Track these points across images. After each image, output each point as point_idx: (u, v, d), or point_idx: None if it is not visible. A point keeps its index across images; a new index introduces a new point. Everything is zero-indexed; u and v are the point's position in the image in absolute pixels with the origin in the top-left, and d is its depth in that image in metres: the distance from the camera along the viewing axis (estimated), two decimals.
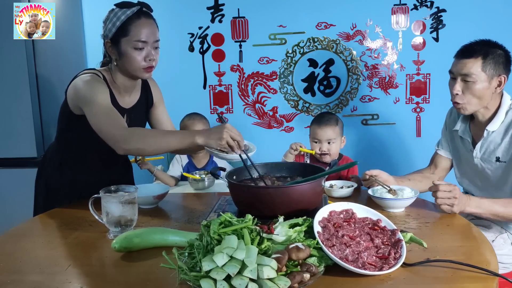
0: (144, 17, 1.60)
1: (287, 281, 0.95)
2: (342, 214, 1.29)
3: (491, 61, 1.68)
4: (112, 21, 1.59)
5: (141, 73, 1.63)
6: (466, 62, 1.70)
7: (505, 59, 1.71)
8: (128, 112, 1.75)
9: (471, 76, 1.68)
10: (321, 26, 2.91)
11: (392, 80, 2.93)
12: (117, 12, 1.59)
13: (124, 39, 1.58)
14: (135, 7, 1.59)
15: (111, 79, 1.68)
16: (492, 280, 1.05)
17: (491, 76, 1.68)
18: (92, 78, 1.62)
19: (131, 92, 1.76)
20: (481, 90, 1.69)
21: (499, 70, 1.69)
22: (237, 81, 3.02)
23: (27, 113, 2.60)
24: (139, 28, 1.57)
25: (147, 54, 1.59)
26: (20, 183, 2.63)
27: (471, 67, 1.68)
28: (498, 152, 1.72)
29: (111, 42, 1.61)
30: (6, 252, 1.32)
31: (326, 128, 2.20)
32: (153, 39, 1.60)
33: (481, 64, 1.68)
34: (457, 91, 1.72)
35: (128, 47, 1.58)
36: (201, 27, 2.97)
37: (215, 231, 1.08)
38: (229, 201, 1.63)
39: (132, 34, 1.57)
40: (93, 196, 1.42)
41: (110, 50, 1.63)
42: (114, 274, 1.19)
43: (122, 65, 1.63)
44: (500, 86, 1.71)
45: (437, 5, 2.83)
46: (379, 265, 1.10)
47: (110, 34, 1.60)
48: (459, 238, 1.31)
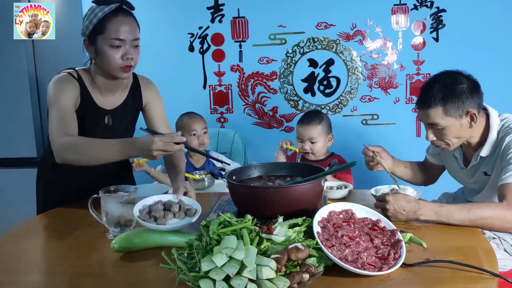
0: (122, 15, 1.53)
1: (286, 282, 0.95)
2: (342, 214, 1.29)
3: (452, 104, 1.56)
4: (90, 18, 1.54)
5: (118, 73, 1.56)
6: (428, 113, 1.60)
7: (469, 91, 1.58)
8: (111, 113, 1.70)
9: (438, 125, 1.59)
10: (321, 26, 2.91)
11: (392, 80, 2.93)
12: (95, 9, 1.53)
13: (100, 37, 1.52)
14: (114, 4, 1.53)
15: (90, 79, 1.64)
16: (492, 281, 1.05)
17: (459, 116, 1.57)
18: (61, 78, 1.59)
19: (115, 93, 1.70)
20: (455, 132, 1.60)
21: (466, 107, 1.57)
22: (237, 81, 3.02)
23: (27, 113, 2.61)
24: (116, 26, 1.51)
25: (124, 53, 1.52)
26: (20, 183, 2.63)
27: (434, 117, 1.58)
28: (486, 167, 1.66)
29: (88, 40, 1.56)
30: (6, 252, 1.32)
31: (308, 127, 2.22)
32: (132, 37, 1.53)
33: (442, 111, 1.57)
34: (431, 139, 1.65)
35: (104, 45, 1.52)
36: (201, 27, 2.97)
37: (214, 231, 1.08)
38: (228, 201, 1.63)
39: (108, 31, 1.50)
40: (93, 196, 1.42)
41: (88, 48, 1.58)
42: (114, 274, 1.19)
43: (100, 64, 1.57)
44: (473, 121, 1.59)
45: (437, 5, 2.82)
46: (379, 266, 1.10)
47: (87, 32, 1.55)
48: (459, 238, 1.31)
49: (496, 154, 1.60)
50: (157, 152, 1.33)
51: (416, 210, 1.40)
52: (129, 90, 1.75)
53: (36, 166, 1.90)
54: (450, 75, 1.64)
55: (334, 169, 1.55)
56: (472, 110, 1.58)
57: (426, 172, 1.98)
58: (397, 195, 1.44)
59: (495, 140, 1.61)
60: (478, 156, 1.65)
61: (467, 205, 1.42)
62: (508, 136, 1.55)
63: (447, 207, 1.41)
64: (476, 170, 1.70)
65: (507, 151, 1.53)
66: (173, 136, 1.35)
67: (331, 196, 1.73)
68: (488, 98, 3.06)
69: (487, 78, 2.81)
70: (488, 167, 1.64)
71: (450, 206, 1.41)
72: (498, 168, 1.58)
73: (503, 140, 1.57)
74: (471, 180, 1.74)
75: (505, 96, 2.81)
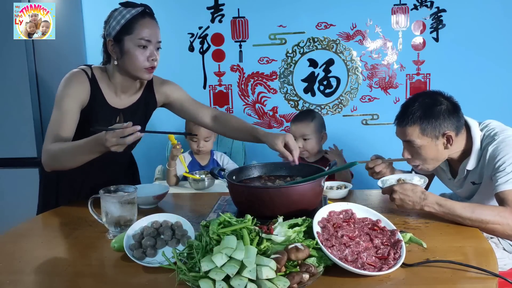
0: (149, 17, 1.61)
1: (286, 282, 0.95)
2: (342, 214, 1.29)
3: (429, 125, 1.56)
4: (117, 19, 1.59)
5: (142, 73, 1.62)
6: (404, 130, 1.60)
7: (447, 113, 1.57)
8: (123, 112, 1.73)
9: (413, 143, 1.60)
10: (321, 26, 2.91)
11: (392, 80, 2.93)
12: (122, 11, 1.59)
13: (128, 37, 1.58)
14: (140, 7, 1.60)
15: (106, 78, 1.68)
16: (492, 281, 1.05)
17: (436, 137, 1.58)
18: (71, 76, 1.63)
19: (130, 93, 1.74)
20: (430, 153, 1.61)
21: (443, 129, 1.57)
22: (237, 81, 3.02)
23: (27, 113, 2.60)
24: (144, 27, 1.58)
25: (150, 54, 1.59)
26: (20, 183, 2.63)
27: (411, 135, 1.59)
28: (473, 178, 1.66)
29: (113, 41, 1.61)
30: (6, 252, 1.32)
31: (299, 125, 2.24)
32: (156, 39, 1.61)
33: (419, 130, 1.57)
34: (406, 156, 1.65)
35: (131, 45, 1.58)
36: (201, 27, 2.97)
37: (214, 231, 1.09)
38: (228, 201, 1.63)
39: (136, 32, 1.57)
40: (93, 196, 1.42)
41: (112, 49, 1.62)
42: (114, 274, 1.19)
43: (123, 64, 1.62)
44: (449, 143, 1.59)
45: (437, 5, 2.83)
46: (379, 266, 1.10)
47: (113, 32, 1.59)
48: (459, 238, 1.31)
49: (481, 164, 1.60)
50: (114, 147, 1.37)
51: (421, 200, 1.42)
52: (143, 91, 1.79)
53: (36, 166, 1.90)
54: (430, 95, 1.64)
55: (334, 169, 1.55)
56: (448, 132, 1.58)
57: None
58: (404, 185, 1.46)
59: (479, 150, 1.61)
60: (465, 169, 1.65)
61: (473, 204, 1.42)
62: (491, 145, 1.56)
63: (452, 202, 1.41)
64: (464, 181, 1.71)
65: (492, 160, 1.53)
66: (124, 129, 1.35)
67: (331, 196, 1.73)
68: (488, 98, 3.06)
69: (487, 78, 2.84)
70: (475, 177, 1.65)
71: (456, 203, 1.42)
72: (486, 176, 1.58)
73: (486, 150, 1.57)
74: (461, 193, 1.75)
75: (504, 96, 2.82)
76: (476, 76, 2.85)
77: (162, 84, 1.84)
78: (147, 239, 1.24)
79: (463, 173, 1.67)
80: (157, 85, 1.83)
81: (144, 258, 1.20)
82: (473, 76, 2.84)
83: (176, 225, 1.30)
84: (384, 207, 1.60)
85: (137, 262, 1.17)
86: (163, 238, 1.26)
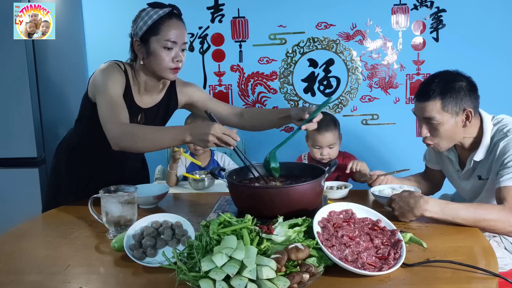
0: (176, 18, 1.61)
1: (286, 282, 0.95)
2: (342, 214, 1.29)
3: (451, 99, 1.57)
4: (144, 19, 1.59)
5: (167, 74, 1.62)
6: (425, 106, 1.60)
7: (467, 90, 1.59)
8: (144, 112, 1.74)
9: (434, 119, 1.59)
10: (321, 26, 2.91)
11: (392, 80, 2.93)
12: (149, 11, 1.60)
13: (154, 38, 1.58)
14: (167, 8, 1.61)
15: (133, 75, 1.69)
16: (492, 281, 1.05)
17: (456, 113, 1.58)
18: (110, 66, 1.64)
19: (153, 93, 1.75)
20: (449, 130, 1.60)
21: (463, 104, 1.58)
22: (237, 81, 3.02)
23: (27, 113, 2.60)
24: (170, 28, 1.58)
25: (175, 55, 1.60)
26: (20, 183, 2.62)
27: (431, 110, 1.59)
28: (480, 171, 1.66)
29: (140, 41, 1.61)
30: (6, 252, 1.32)
31: (326, 134, 2.16)
32: (182, 40, 1.61)
33: (440, 105, 1.57)
34: (425, 134, 1.65)
35: (157, 46, 1.58)
36: (201, 27, 2.97)
37: (215, 231, 1.09)
38: (229, 201, 1.63)
39: (162, 33, 1.58)
40: (93, 196, 1.42)
41: (138, 48, 1.63)
42: (114, 274, 1.19)
43: (149, 64, 1.63)
44: (468, 120, 1.60)
45: (437, 5, 2.83)
46: (379, 266, 1.10)
47: (140, 32, 1.60)
48: (459, 238, 1.31)
49: (491, 158, 1.60)
50: (213, 137, 1.36)
51: (422, 205, 1.40)
52: (165, 92, 1.80)
53: (36, 166, 1.90)
54: (450, 73, 1.65)
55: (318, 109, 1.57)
56: (468, 108, 1.59)
57: (430, 180, 1.98)
58: (402, 193, 1.46)
59: (489, 145, 1.62)
60: (472, 160, 1.65)
61: (473, 205, 1.42)
62: (503, 141, 1.56)
63: (453, 205, 1.41)
64: (471, 174, 1.71)
65: (502, 156, 1.54)
66: (232, 130, 1.39)
67: (331, 196, 1.73)
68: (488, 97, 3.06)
69: (487, 78, 2.84)
70: (483, 172, 1.65)
71: (456, 204, 1.42)
72: (494, 172, 1.58)
73: (497, 145, 1.57)
74: (467, 187, 1.75)
75: (505, 96, 2.82)
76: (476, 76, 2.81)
77: (184, 85, 1.85)
78: (147, 239, 1.24)
79: (470, 164, 1.67)
80: (179, 86, 1.84)
81: (144, 258, 1.20)
82: (473, 76, 2.81)
83: (176, 225, 1.30)
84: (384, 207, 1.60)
85: (137, 262, 1.17)
86: (163, 238, 1.26)
